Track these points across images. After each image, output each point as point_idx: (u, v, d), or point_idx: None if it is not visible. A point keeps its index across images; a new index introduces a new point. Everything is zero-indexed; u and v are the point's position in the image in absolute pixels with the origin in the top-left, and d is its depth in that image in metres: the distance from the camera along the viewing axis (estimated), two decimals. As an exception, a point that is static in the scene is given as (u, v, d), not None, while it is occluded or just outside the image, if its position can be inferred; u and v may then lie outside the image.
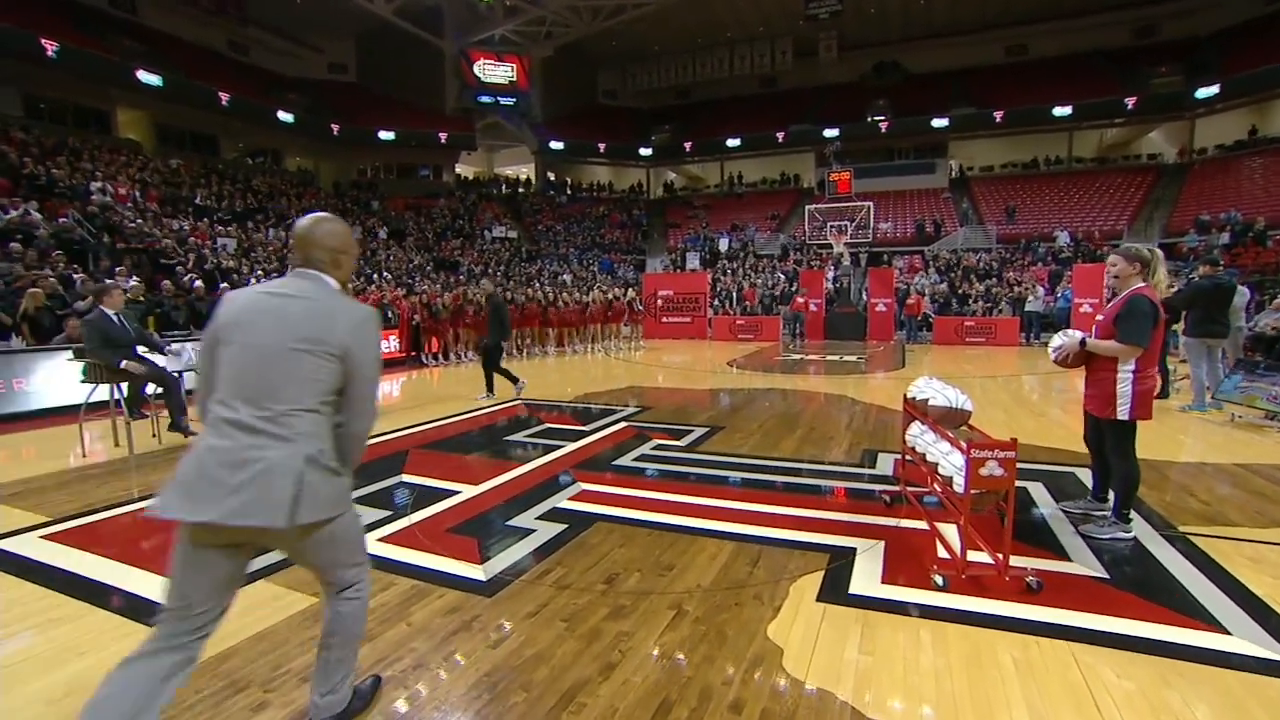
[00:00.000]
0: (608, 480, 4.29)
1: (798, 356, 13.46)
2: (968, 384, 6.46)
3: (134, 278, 10.49)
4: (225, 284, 10.74)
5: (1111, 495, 3.26)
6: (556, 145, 33.43)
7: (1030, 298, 16.35)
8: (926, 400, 3.20)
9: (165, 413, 5.50)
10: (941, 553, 2.97)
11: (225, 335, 1.56)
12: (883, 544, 3.11)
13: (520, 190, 34.56)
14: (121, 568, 2.93)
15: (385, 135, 28.57)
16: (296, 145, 28.49)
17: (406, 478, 4.33)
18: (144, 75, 21.21)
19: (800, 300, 17.18)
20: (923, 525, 3.31)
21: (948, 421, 3.11)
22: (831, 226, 19.19)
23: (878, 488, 4.02)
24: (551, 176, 35.63)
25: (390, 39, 28.74)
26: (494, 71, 31.77)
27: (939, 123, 29.39)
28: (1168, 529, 3.24)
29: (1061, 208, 25.63)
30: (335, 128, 27.54)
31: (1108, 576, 2.71)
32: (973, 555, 2.72)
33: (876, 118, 31.47)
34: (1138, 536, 3.11)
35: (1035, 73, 29.76)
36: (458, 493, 4.00)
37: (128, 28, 23.47)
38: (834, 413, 6.84)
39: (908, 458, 3.54)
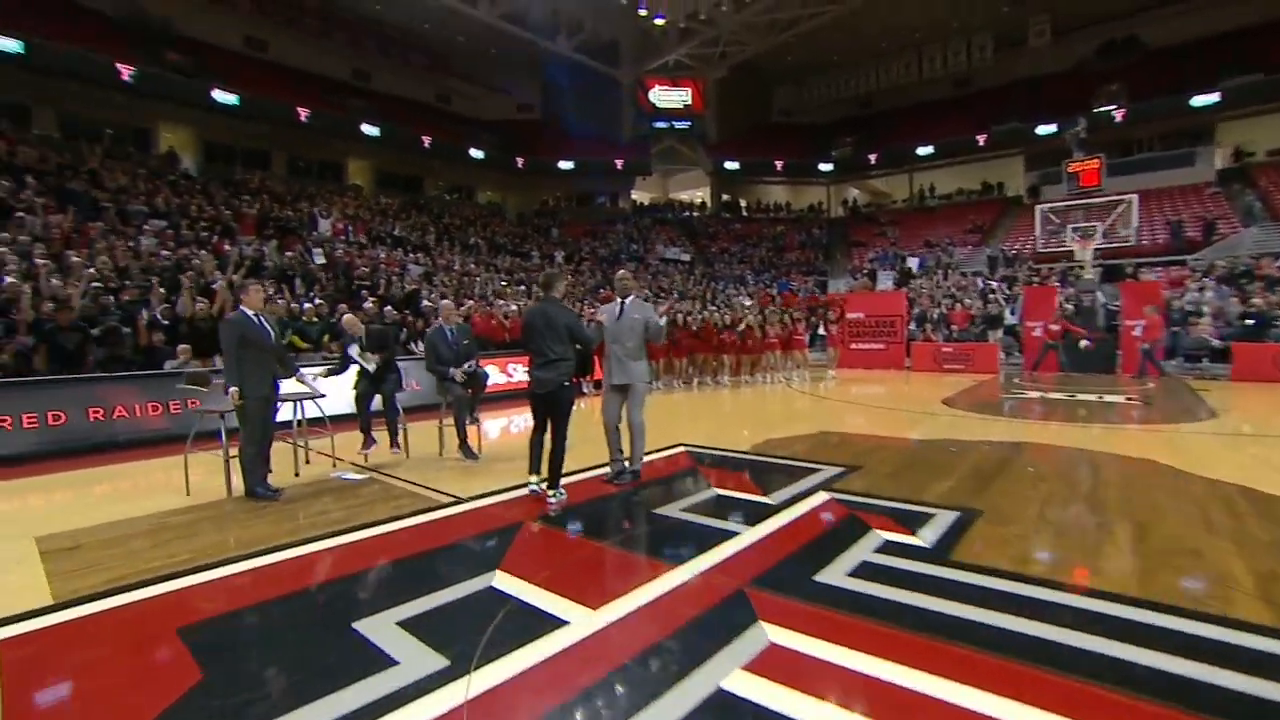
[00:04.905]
0: (810, 620, 2.46)
1: (1035, 394, 10.23)
2: None
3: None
4: (389, 308, 10.82)
5: None
6: (731, 165, 32.22)
7: None
8: None
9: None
10: None
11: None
12: None
13: (695, 214, 33.90)
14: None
15: (565, 165, 29.55)
16: (487, 180, 30.59)
17: (500, 582, 2.89)
18: (366, 128, 24.04)
19: (1055, 328, 13.24)
20: None
21: None
22: (1073, 230, 15.16)
23: None
24: (726, 198, 34.47)
25: (571, 74, 29.84)
26: (669, 96, 31.64)
27: (1203, 100, 22.83)
28: None
29: None
30: (520, 161, 29.07)
31: None
32: None
33: (1107, 107, 25.45)
34: None
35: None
36: (564, 623, 2.45)
37: (360, 92, 26.98)
38: (1162, 496, 4.23)
39: None
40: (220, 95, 20.55)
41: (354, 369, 5.47)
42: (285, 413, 5.22)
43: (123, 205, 13.56)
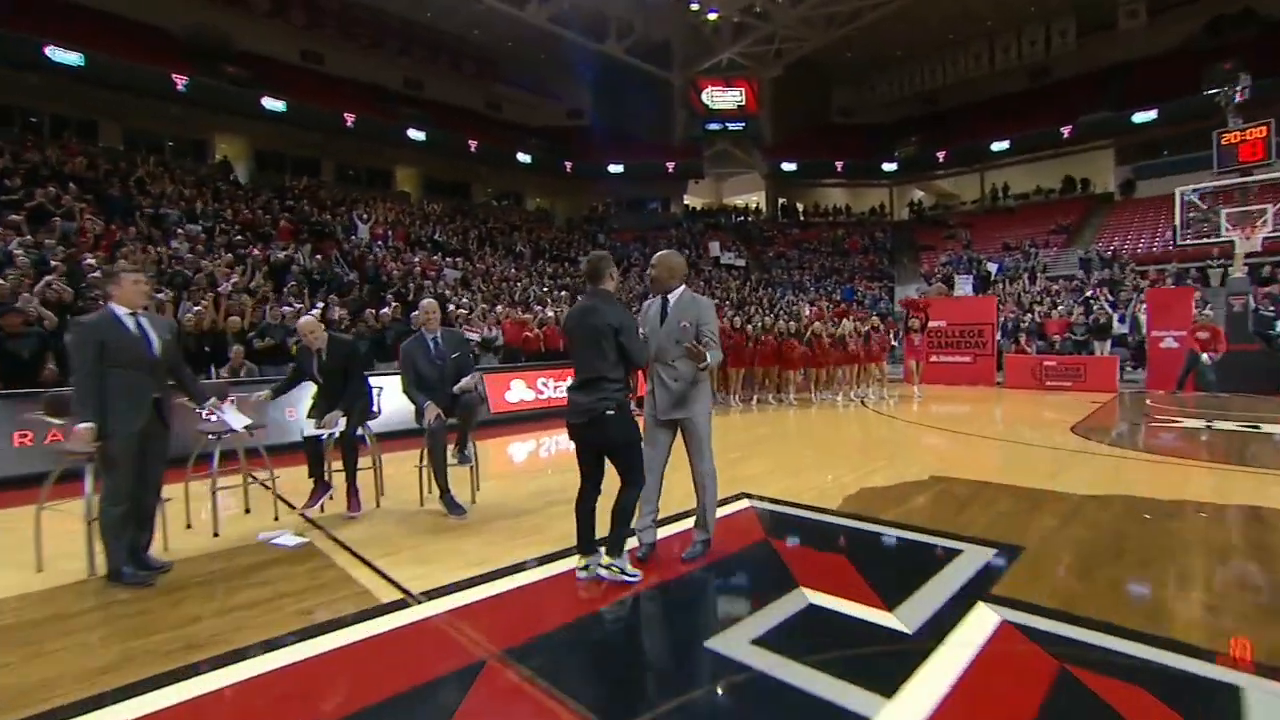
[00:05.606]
0: None
1: (1194, 423, 8.03)
2: None
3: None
4: (417, 312, 9.66)
5: None
6: (788, 167, 30.41)
7: None
8: None
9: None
10: None
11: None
12: None
13: (749, 218, 32.14)
14: None
15: (614, 168, 28.41)
16: (535, 186, 29.73)
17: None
18: (413, 133, 23.53)
19: (1204, 336, 10.82)
20: None
21: None
22: (1229, 216, 12.65)
23: None
24: (782, 202, 32.59)
25: (622, 77, 28.78)
26: (722, 97, 30.23)
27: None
28: None
29: None
30: (568, 165, 28.11)
31: None
32: None
33: (1218, 88, 22.22)
34: None
35: None
36: None
37: (412, 101, 26.64)
38: None
39: None
40: (269, 103, 20.41)
41: (308, 387, 4.15)
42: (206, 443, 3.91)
43: (157, 211, 13.08)
